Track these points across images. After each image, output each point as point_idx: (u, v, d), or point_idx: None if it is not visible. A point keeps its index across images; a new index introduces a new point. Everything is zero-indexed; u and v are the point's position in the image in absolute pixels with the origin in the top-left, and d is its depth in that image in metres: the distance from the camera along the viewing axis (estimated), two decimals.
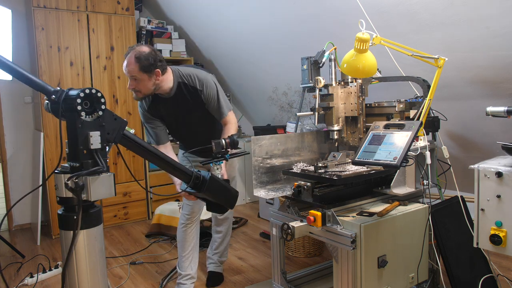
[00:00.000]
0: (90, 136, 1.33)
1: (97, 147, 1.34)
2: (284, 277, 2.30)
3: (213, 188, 1.80)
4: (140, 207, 4.33)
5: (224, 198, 1.90)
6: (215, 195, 1.86)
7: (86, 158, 1.34)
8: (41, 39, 3.68)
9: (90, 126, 1.34)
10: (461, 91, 2.66)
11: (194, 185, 1.79)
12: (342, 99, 2.28)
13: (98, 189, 1.33)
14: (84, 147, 1.33)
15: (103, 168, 1.33)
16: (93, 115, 1.35)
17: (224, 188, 1.88)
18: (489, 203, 1.65)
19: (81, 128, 1.32)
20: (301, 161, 2.33)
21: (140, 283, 2.84)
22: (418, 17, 2.41)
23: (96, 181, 1.32)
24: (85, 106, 1.33)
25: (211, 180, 1.78)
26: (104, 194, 1.35)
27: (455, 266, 2.18)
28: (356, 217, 1.90)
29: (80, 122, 1.32)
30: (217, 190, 1.84)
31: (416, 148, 1.97)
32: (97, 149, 1.34)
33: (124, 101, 4.15)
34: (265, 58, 4.01)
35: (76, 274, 1.37)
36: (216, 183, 1.82)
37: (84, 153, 1.33)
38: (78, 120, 1.32)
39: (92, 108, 1.35)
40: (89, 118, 1.34)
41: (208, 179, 1.78)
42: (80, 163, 1.33)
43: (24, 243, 3.74)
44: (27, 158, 4.20)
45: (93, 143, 1.33)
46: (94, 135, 1.33)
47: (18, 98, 4.12)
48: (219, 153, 2.01)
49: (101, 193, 1.34)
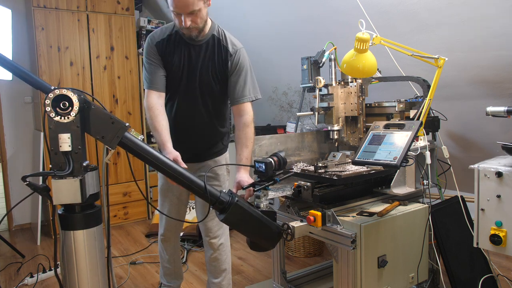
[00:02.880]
0: (59, 138, 1.30)
1: (66, 149, 1.30)
2: (284, 277, 2.30)
3: (237, 219, 1.45)
4: (140, 207, 4.32)
5: (256, 234, 1.52)
6: (241, 228, 1.51)
7: (56, 160, 1.31)
8: (41, 39, 3.68)
9: (62, 127, 1.31)
10: (461, 91, 2.66)
11: (220, 209, 1.48)
12: (342, 99, 2.28)
13: (60, 193, 1.29)
14: (54, 149, 1.31)
15: (67, 171, 1.28)
16: (68, 117, 1.31)
17: (257, 221, 1.48)
18: (489, 203, 1.65)
19: (52, 129, 1.30)
20: (301, 161, 2.33)
21: (140, 283, 2.84)
22: (418, 17, 2.41)
23: (57, 184, 1.29)
24: (62, 107, 1.30)
25: (235, 208, 1.43)
26: (66, 199, 1.30)
27: (455, 266, 2.18)
28: (356, 217, 1.90)
29: (51, 123, 1.30)
30: (244, 222, 1.47)
31: (416, 148, 1.97)
32: (67, 152, 1.30)
33: (124, 101, 4.15)
34: (265, 58, 4.01)
35: (76, 274, 1.37)
36: (243, 214, 1.45)
37: (55, 155, 1.31)
38: (50, 121, 1.30)
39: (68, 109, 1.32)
40: (64, 119, 1.31)
41: (231, 205, 1.43)
42: (52, 165, 1.31)
43: (24, 243, 3.74)
44: (27, 158, 4.20)
45: (61, 145, 1.30)
46: (63, 137, 1.30)
47: (18, 98, 4.12)
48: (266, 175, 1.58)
49: (63, 197, 1.30)
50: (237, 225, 1.51)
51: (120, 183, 4.14)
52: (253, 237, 1.56)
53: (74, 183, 1.30)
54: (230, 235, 3.78)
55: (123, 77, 4.12)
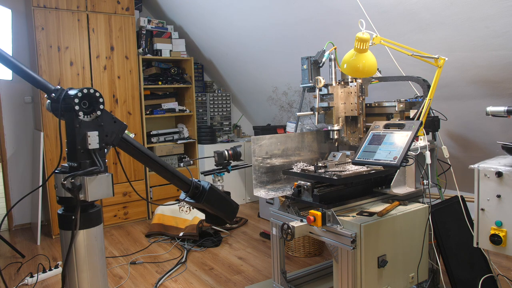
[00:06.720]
0: (88, 136, 1.32)
1: (95, 147, 1.34)
2: (284, 277, 2.30)
3: (213, 199, 1.76)
4: (140, 207, 4.32)
5: (223, 210, 1.85)
6: (214, 206, 1.81)
7: (84, 158, 1.34)
8: (41, 39, 3.68)
9: (88, 126, 1.34)
10: (461, 91, 2.66)
11: (193, 195, 1.74)
12: (342, 99, 2.28)
13: (95, 190, 1.33)
14: (82, 147, 1.33)
15: (101, 168, 1.33)
16: (92, 115, 1.35)
17: (224, 200, 1.83)
18: (489, 203, 1.65)
19: (79, 128, 1.32)
20: (301, 161, 2.33)
21: (140, 283, 2.84)
22: (418, 17, 2.41)
23: (93, 182, 1.32)
24: (83, 106, 1.33)
25: (210, 190, 1.73)
26: (102, 194, 1.35)
27: (455, 266, 2.18)
28: (356, 217, 1.90)
29: (78, 122, 1.32)
30: (217, 201, 1.79)
31: (416, 148, 1.97)
32: (95, 149, 1.34)
33: (124, 101, 4.15)
34: (265, 58, 4.01)
35: (76, 274, 1.37)
36: (215, 195, 1.77)
37: (82, 153, 1.33)
38: (76, 120, 1.31)
39: (91, 108, 1.35)
40: (87, 118, 1.34)
41: (207, 189, 1.73)
42: (78, 163, 1.33)
43: (24, 243, 3.74)
44: (27, 158, 4.21)
45: (91, 143, 1.33)
46: (92, 135, 1.33)
47: (18, 98, 4.12)
48: (221, 164, 1.94)
49: (99, 193, 1.34)
50: (212, 204, 1.77)
51: (120, 183, 4.14)
52: (221, 213, 1.83)
53: (107, 179, 1.35)
54: (231, 235, 3.80)
55: (123, 77, 4.12)
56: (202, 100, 4.89)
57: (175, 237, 3.58)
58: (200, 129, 4.68)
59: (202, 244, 3.47)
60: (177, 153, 4.61)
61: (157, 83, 4.42)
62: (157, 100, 4.54)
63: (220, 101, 5.00)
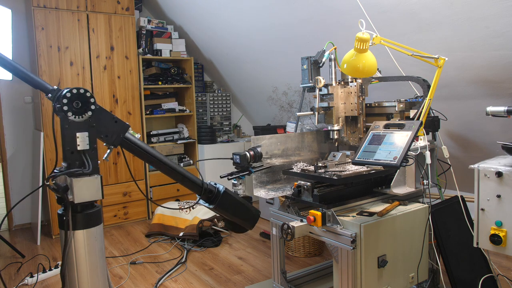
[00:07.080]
0: (77, 137, 1.30)
1: (84, 148, 1.31)
2: (284, 277, 2.30)
3: (227, 204, 1.64)
4: (140, 207, 4.32)
5: (240, 216, 1.73)
6: (229, 212, 1.69)
7: (73, 159, 1.31)
8: (41, 39, 3.68)
9: (78, 126, 1.31)
10: (461, 91, 2.66)
11: (207, 199, 1.64)
12: (342, 99, 2.28)
13: (82, 191, 1.30)
14: (71, 148, 1.31)
15: (87, 169, 1.30)
16: (84, 116, 1.32)
17: (241, 205, 1.70)
18: (489, 203, 1.65)
19: (68, 128, 1.30)
20: (301, 161, 2.33)
21: (140, 283, 2.84)
22: (418, 17, 2.41)
23: (79, 183, 1.29)
24: (75, 106, 1.30)
25: (224, 195, 1.62)
26: (89, 196, 1.31)
27: (455, 266, 2.18)
28: (356, 217, 1.90)
29: (67, 122, 1.30)
30: (231, 207, 1.67)
31: (416, 148, 1.97)
32: (84, 150, 1.31)
33: (124, 101, 4.15)
34: (265, 58, 4.01)
35: (76, 274, 1.37)
36: (230, 199, 1.65)
37: (71, 154, 1.31)
38: (65, 120, 1.30)
39: (84, 108, 1.32)
40: (78, 119, 1.31)
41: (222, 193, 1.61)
42: (68, 164, 1.31)
43: (24, 243, 3.74)
44: (27, 158, 4.20)
45: (79, 144, 1.30)
46: (81, 136, 1.31)
47: (18, 98, 4.12)
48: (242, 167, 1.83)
49: (86, 195, 1.31)
50: (226, 210, 1.67)
51: (120, 183, 4.14)
52: (238, 220, 1.74)
53: (95, 181, 1.31)
54: (230, 235, 3.80)
55: (123, 77, 4.12)
56: (202, 100, 4.89)
57: (175, 237, 3.58)
58: (200, 129, 4.68)
59: (202, 244, 3.47)
60: (177, 153, 4.61)
61: (157, 83, 4.42)
62: (157, 100, 4.54)
63: (220, 101, 5.00)
